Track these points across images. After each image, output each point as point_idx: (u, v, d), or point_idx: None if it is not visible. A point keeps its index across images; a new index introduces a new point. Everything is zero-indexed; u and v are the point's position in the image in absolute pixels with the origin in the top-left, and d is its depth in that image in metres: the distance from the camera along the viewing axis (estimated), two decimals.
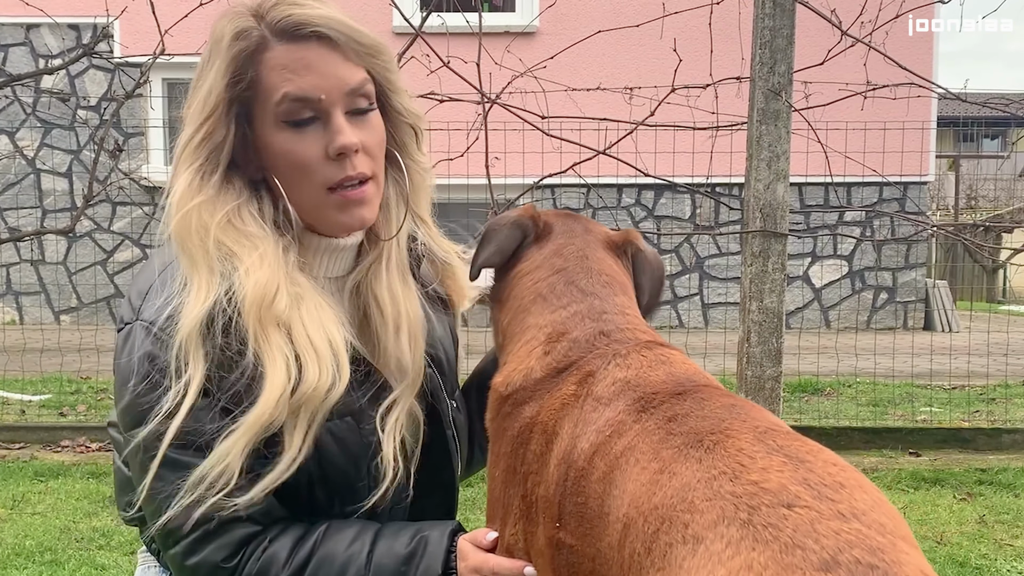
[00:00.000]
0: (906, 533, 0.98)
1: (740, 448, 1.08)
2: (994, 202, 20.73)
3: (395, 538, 1.44)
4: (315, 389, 1.38)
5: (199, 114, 1.40)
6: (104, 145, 4.83)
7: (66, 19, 10.57)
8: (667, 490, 1.08)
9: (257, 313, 1.36)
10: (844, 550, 0.90)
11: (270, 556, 1.38)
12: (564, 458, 1.33)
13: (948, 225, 9.23)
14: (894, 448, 5.93)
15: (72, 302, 11.67)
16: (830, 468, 1.03)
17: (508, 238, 1.67)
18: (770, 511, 0.96)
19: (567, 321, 1.54)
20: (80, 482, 5.08)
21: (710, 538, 0.98)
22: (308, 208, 1.46)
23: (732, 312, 11.35)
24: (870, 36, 3.74)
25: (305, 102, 1.40)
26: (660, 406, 1.26)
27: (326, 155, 1.41)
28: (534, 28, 10.51)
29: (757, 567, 0.91)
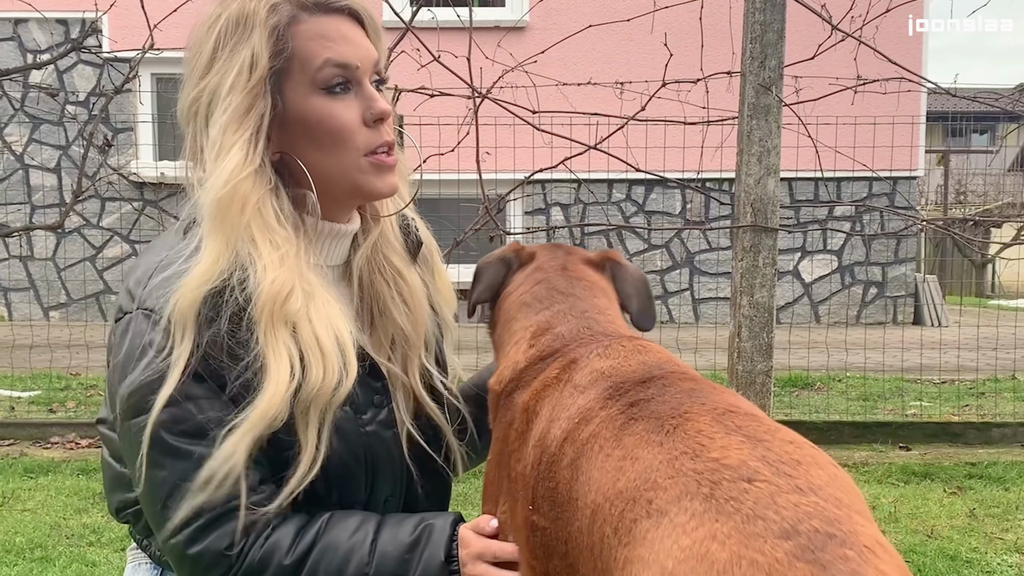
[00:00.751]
0: (861, 508, 1.02)
1: (699, 429, 1.12)
2: (983, 197, 20.78)
3: (398, 527, 1.45)
4: (321, 388, 1.38)
5: (242, 84, 1.41)
6: (93, 140, 4.81)
7: (54, 14, 10.54)
8: (630, 474, 1.12)
9: (271, 309, 1.36)
10: (803, 520, 0.94)
11: (273, 543, 1.38)
12: (539, 441, 1.39)
13: (937, 220, 9.25)
14: (884, 442, 5.94)
15: (61, 298, 11.64)
16: (787, 446, 1.08)
17: (495, 273, 1.85)
18: (731, 485, 1.00)
19: (551, 319, 1.65)
20: (70, 478, 5.07)
21: (674, 511, 1.02)
22: (341, 177, 1.48)
23: (723, 307, 11.36)
24: (860, 31, 3.74)
25: (344, 68, 1.45)
26: (625, 394, 1.31)
27: (363, 121, 1.46)
28: (524, 23, 10.50)
29: (721, 536, 0.95)
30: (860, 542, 0.93)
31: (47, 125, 11.47)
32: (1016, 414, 6.62)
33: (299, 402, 1.38)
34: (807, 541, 0.92)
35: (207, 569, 1.37)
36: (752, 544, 0.93)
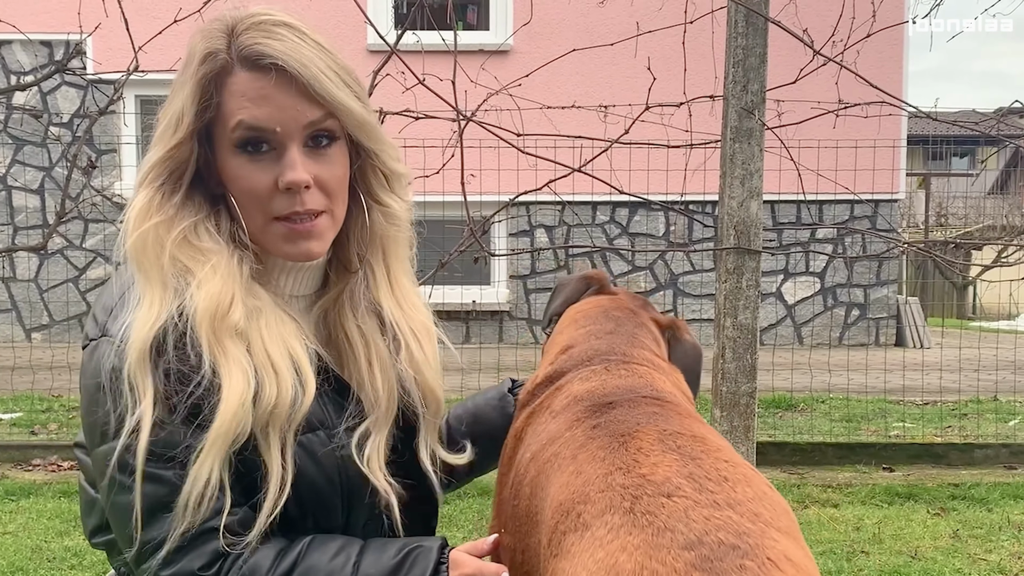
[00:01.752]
0: (784, 525, 1.05)
1: (639, 447, 1.18)
2: (964, 220, 20.92)
3: (382, 551, 1.43)
4: (276, 406, 1.37)
5: (169, 134, 1.41)
6: (77, 162, 4.80)
7: (38, 36, 10.52)
8: (572, 487, 1.18)
9: (210, 324, 1.36)
10: (710, 532, 0.99)
11: (252, 566, 1.37)
12: (516, 466, 1.44)
13: (919, 242, 9.30)
14: (867, 463, 5.96)
15: (44, 320, 11.57)
16: (720, 464, 1.13)
17: (575, 289, 1.91)
18: (651, 500, 1.06)
19: (579, 338, 1.69)
20: (52, 501, 5.03)
21: (596, 525, 1.07)
22: (256, 233, 1.47)
23: (706, 328, 11.39)
24: (842, 56, 3.77)
25: (259, 131, 1.41)
26: (591, 416, 1.34)
27: (276, 186, 1.42)
28: (508, 46, 10.54)
29: (630, 548, 1.00)
30: (764, 555, 0.97)
31: (31, 146, 11.44)
32: (998, 435, 6.65)
33: (257, 421, 1.37)
34: (709, 552, 0.97)
35: None
36: (656, 555, 0.98)
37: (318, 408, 1.46)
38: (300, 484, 1.43)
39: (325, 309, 1.58)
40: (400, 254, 1.63)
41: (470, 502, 5.04)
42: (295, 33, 1.42)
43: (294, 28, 1.43)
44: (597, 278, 1.94)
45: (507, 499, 1.43)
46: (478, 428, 1.89)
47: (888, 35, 6.74)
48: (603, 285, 1.94)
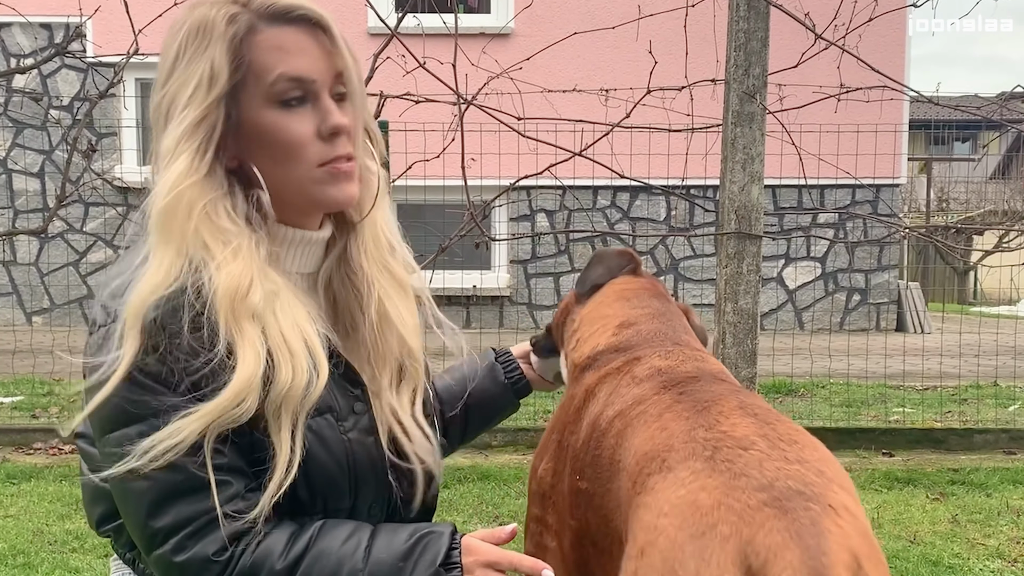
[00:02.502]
0: (844, 484, 1.19)
1: (721, 410, 1.34)
2: (965, 204, 20.90)
3: (393, 535, 1.44)
4: (291, 388, 1.37)
5: (200, 96, 1.40)
6: (77, 145, 4.79)
7: (38, 18, 10.49)
8: (657, 440, 1.34)
9: (230, 305, 1.35)
10: (780, 480, 1.14)
11: (265, 549, 1.37)
12: (594, 420, 1.59)
13: (920, 227, 9.29)
14: (867, 448, 5.97)
15: (44, 303, 11.58)
16: (791, 430, 1.29)
17: (617, 263, 2.05)
18: (729, 451, 1.21)
19: (640, 318, 1.87)
20: (53, 484, 5.04)
21: (679, 468, 1.22)
22: (295, 188, 1.47)
23: (707, 313, 11.36)
24: (843, 40, 3.76)
25: (299, 82, 1.43)
26: (677, 385, 1.52)
27: (318, 134, 1.44)
28: (509, 30, 10.52)
29: (709, 487, 1.16)
30: (826, 501, 1.12)
31: (31, 130, 11.43)
32: (998, 420, 6.66)
33: (270, 403, 1.37)
34: (779, 494, 1.12)
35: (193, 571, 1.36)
36: (732, 494, 1.13)
37: (326, 392, 1.47)
38: (311, 468, 1.44)
39: (327, 280, 1.59)
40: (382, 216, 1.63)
41: (470, 487, 5.05)
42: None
43: None
44: (634, 257, 2.08)
45: (583, 448, 1.58)
46: (474, 396, 1.99)
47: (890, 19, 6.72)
48: (637, 264, 2.08)
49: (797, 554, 1.06)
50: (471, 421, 2.02)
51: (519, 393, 2.09)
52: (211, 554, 1.35)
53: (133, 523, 1.39)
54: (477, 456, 5.72)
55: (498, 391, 2.04)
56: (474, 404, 2.00)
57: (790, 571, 1.05)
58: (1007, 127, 4.87)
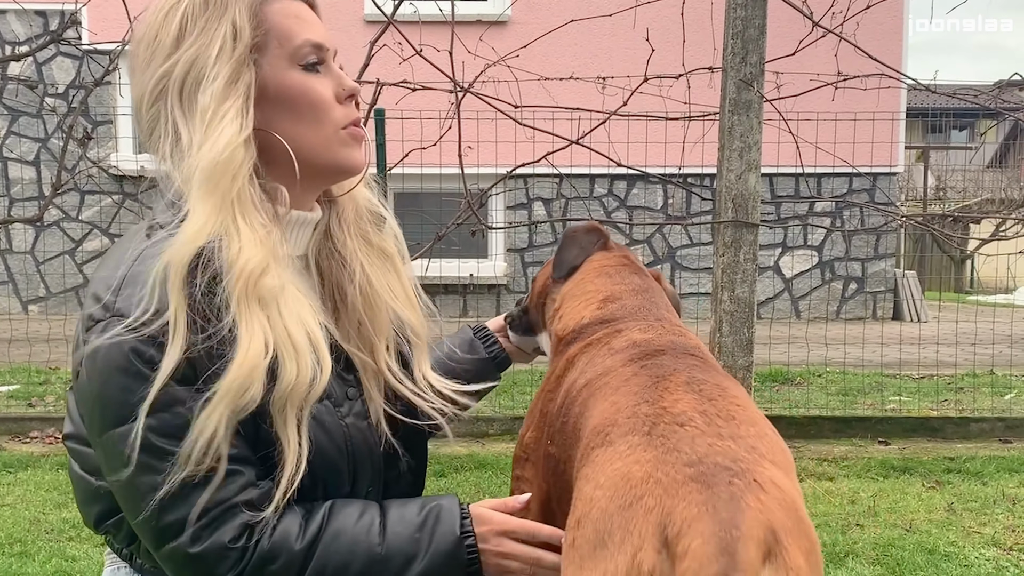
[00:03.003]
0: (779, 460, 1.23)
1: (667, 386, 1.38)
2: (962, 193, 20.90)
3: (404, 508, 1.47)
4: (296, 385, 1.37)
5: (229, 54, 1.41)
6: (72, 133, 4.78)
7: (33, 6, 10.47)
8: (607, 413, 1.38)
9: (245, 282, 1.35)
10: (710, 456, 1.18)
11: (283, 531, 1.38)
12: (568, 388, 1.65)
13: (917, 215, 9.30)
14: (863, 437, 5.97)
15: (40, 292, 11.57)
16: (731, 407, 1.31)
17: (589, 241, 2.08)
18: (666, 427, 1.26)
19: (624, 293, 1.92)
20: (49, 473, 5.04)
21: (618, 443, 1.28)
22: (322, 148, 1.50)
23: (704, 302, 11.40)
24: (841, 27, 3.76)
25: (319, 49, 1.49)
26: (644, 358, 1.55)
27: (336, 97, 1.51)
28: (506, 17, 10.49)
29: (642, 461, 1.20)
30: (751, 477, 1.15)
31: (26, 118, 11.39)
32: (994, 409, 6.67)
33: (276, 400, 1.36)
34: (706, 469, 1.16)
35: (215, 564, 1.35)
36: (661, 468, 1.18)
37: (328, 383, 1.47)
38: (313, 455, 1.44)
39: (315, 257, 1.60)
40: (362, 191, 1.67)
41: (467, 475, 5.06)
42: None
43: None
44: (602, 231, 2.11)
45: (556, 415, 1.64)
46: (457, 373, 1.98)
47: (887, 7, 6.70)
48: (607, 238, 2.11)
49: (709, 525, 1.10)
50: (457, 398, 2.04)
51: (500, 367, 2.12)
52: (227, 542, 1.35)
53: (142, 519, 1.37)
54: (474, 445, 5.73)
55: (479, 366, 2.06)
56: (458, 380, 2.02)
57: (700, 540, 1.09)
58: (1004, 115, 4.87)
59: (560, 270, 2.07)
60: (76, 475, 1.56)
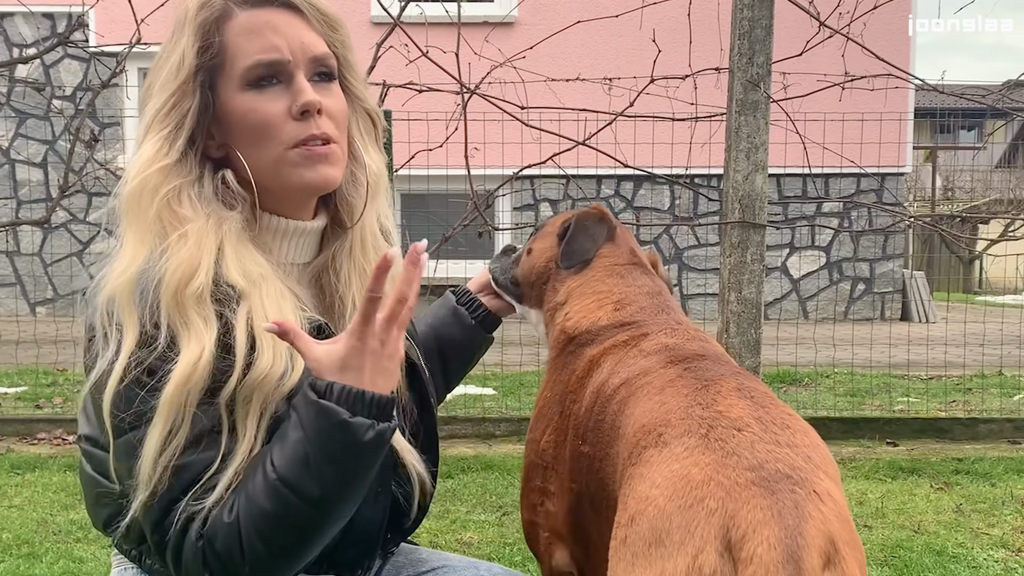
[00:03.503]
0: (830, 470, 1.24)
1: (719, 390, 1.39)
2: (971, 193, 20.86)
3: (283, 434, 1.35)
4: (268, 375, 1.36)
5: (170, 82, 1.42)
6: (80, 135, 4.78)
7: (40, 8, 10.49)
8: (656, 413, 1.39)
9: (173, 295, 1.34)
10: (770, 462, 1.19)
11: (216, 515, 1.35)
12: (598, 388, 1.66)
13: (925, 216, 9.27)
14: (872, 438, 5.95)
15: (48, 293, 11.59)
16: (783, 415, 1.33)
17: (599, 232, 2.06)
18: (724, 431, 1.27)
19: (637, 296, 1.92)
20: (57, 475, 5.05)
21: (674, 444, 1.28)
22: (272, 171, 1.47)
23: (711, 303, 11.38)
24: (848, 28, 3.75)
25: (271, 64, 1.43)
26: (683, 361, 1.58)
27: (290, 113, 1.44)
28: (513, 18, 10.49)
29: (702, 464, 1.21)
30: (811, 487, 1.17)
31: (33, 120, 11.43)
32: (1003, 410, 6.65)
33: (245, 386, 1.35)
34: (767, 475, 1.17)
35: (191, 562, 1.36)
36: (722, 471, 1.19)
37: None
38: None
39: (319, 272, 1.58)
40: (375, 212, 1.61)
41: (473, 476, 5.05)
42: None
43: None
44: (611, 220, 2.10)
45: (586, 414, 1.64)
46: (447, 347, 2.01)
47: (894, 7, 6.68)
48: (615, 227, 2.09)
49: (775, 531, 1.11)
50: (451, 370, 2.04)
51: (489, 328, 2.10)
52: (195, 539, 1.35)
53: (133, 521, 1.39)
54: (480, 446, 5.72)
55: (468, 334, 2.06)
56: (448, 354, 2.03)
57: (766, 546, 1.10)
58: (1013, 115, 4.85)
59: (569, 261, 2.03)
60: (88, 476, 1.56)
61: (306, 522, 1.33)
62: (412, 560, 1.81)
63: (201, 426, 1.35)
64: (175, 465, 1.34)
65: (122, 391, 1.34)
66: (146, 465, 1.33)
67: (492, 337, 2.13)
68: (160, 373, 1.33)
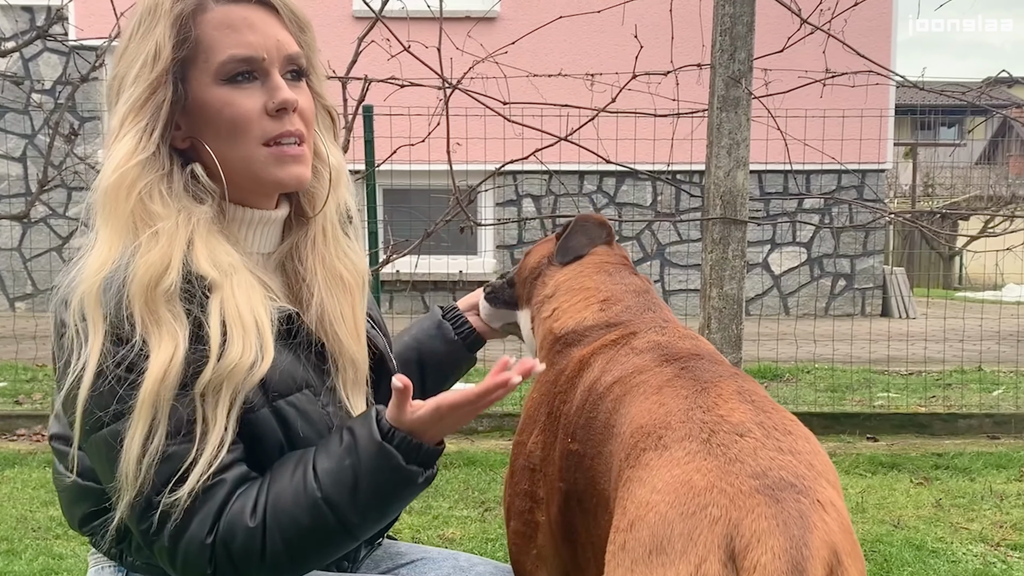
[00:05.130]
0: (831, 478, 1.23)
1: (720, 393, 1.37)
2: (951, 190, 20.96)
3: (328, 443, 1.43)
4: (238, 364, 1.36)
5: (145, 74, 1.41)
6: (59, 129, 4.76)
7: (19, 1, 10.41)
8: (655, 414, 1.37)
9: (143, 294, 1.35)
10: (773, 469, 1.18)
11: (238, 511, 1.36)
12: (590, 386, 1.64)
13: (905, 212, 9.31)
14: (852, 433, 5.98)
15: (27, 289, 11.52)
16: (784, 420, 1.32)
17: (598, 233, 2.08)
18: (725, 436, 1.25)
19: (624, 294, 1.91)
20: (36, 471, 5.02)
21: (675, 448, 1.26)
22: (242, 167, 1.47)
23: (693, 299, 11.41)
24: (829, 24, 3.76)
25: (247, 60, 1.43)
26: (679, 360, 1.56)
27: (265, 110, 1.44)
28: (495, 13, 10.48)
29: (704, 470, 1.20)
30: (815, 496, 1.16)
31: (12, 114, 11.34)
32: (982, 405, 6.69)
33: (215, 375, 1.35)
34: (771, 483, 1.16)
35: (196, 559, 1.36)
36: (725, 478, 1.17)
37: (299, 368, 1.48)
38: (297, 443, 1.45)
39: (282, 260, 1.59)
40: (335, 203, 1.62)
41: (456, 472, 5.05)
42: None
43: None
44: (610, 228, 2.12)
45: (577, 413, 1.62)
46: (427, 358, 2.01)
47: (876, 4, 6.70)
48: (612, 235, 2.12)
49: (780, 542, 1.10)
50: (428, 383, 2.02)
51: (472, 347, 2.09)
52: (203, 536, 1.35)
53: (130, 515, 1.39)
54: (463, 441, 5.72)
55: (449, 349, 2.05)
56: (428, 366, 2.02)
57: (770, 556, 1.09)
58: (992, 112, 4.88)
59: (564, 255, 2.05)
60: (60, 475, 1.55)
61: (334, 539, 1.41)
62: (391, 553, 1.81)
63: (176, 418, 1.35)
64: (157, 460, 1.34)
65: (97, 391, 1.34)
66: (130, 466, 1.32)
67: (475, 358, 2.12)
68: (135, 372, 1.33)
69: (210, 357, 1.35)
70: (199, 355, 1.36)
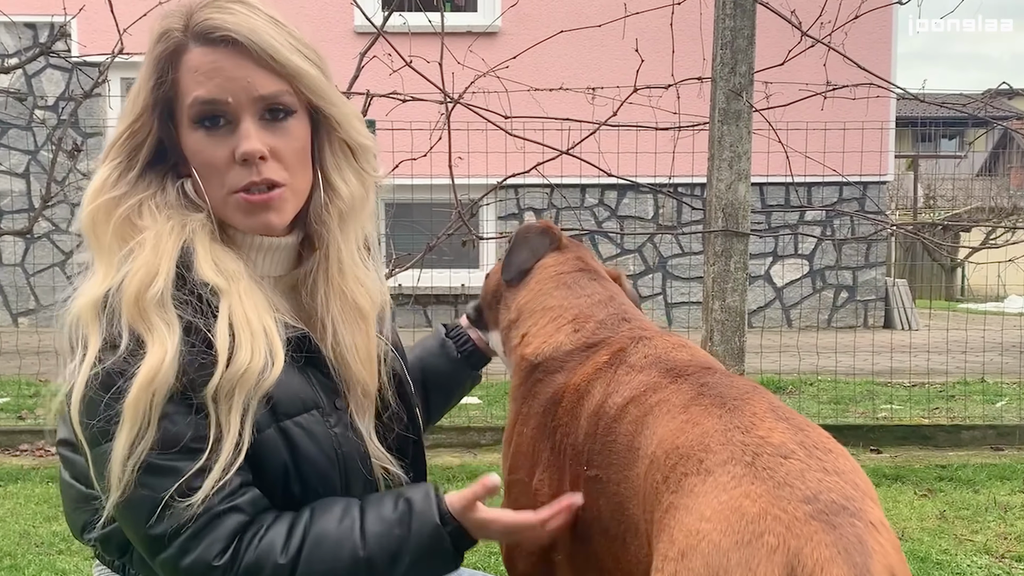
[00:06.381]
0: (874, 495, 1.21)
1: (754, 412, 1.33)
2: (952, 201, 20.97)
3: (380, 505, 1.46)
4: (247, 369, 1.37)
5: (128, 114, 1.45)
6: (62, 145, 4.77)
7: (22, 18, 10.44)
8: (689, 435, 1.33)
9: (134, 303, 1.37)
10: (824, 492, 1.15)
11: (268, 545, 1.37)
12: (595, 412, 1.59)
13: (907, 224, 9.31)
14: (855, 445, 5.97)
15: (30, 304, 11.52)
16: (823, 438, 1.29)
17: (540, 243, 2.01)
18: (770, 458, 1.21)
19: (592, 307, 1.84)
20: (39, 486, 5.01)
21: (719, 472, 1.22)
22: (218, 208, 1.49)
23: (695, 311, 11.40)
24: (829, 37, 3.77)
25: (213, 104, 1.43)
26: (693, 375, 1.52)
27: (232, 159, 1.44)
28: (496, 28, 10.51)
29: (754, 495, 1.16)
30: (867, 518, 1.14)
31: (15, 130, 11.36)
32: (985, 416, 6.68)
33: (224, 382, 1.36)
34: (824, 507, 1.13)
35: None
36: (778, 504, 1.14)
37: (309, 389, 1.49)
38: (302, 462, 1.46)
39: (293, 286, 1.59)
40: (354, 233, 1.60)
41: (459, 486, 5.04)
42: (247, 8, 1.45)
43: (247, 3, 1.46)
44: (555, 231, 2.04)
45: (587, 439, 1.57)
46: (430, 377, 2.01)
47: (876, 16, 6.72)
48: (560, 239, 2.04)
49: (844, 570, 1.07)
50: (432, 401, 2.03)
51: (475, 365, 2.10)
52: (212, 559, 1.35)
53: (137, 532, 1.39)
54: (466, 455, 5.72)
55: (452, 367, 2.06)
56: (431, 384, 2.03)
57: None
58: (993, 124, 4.89)
59: (508, 273, 2.00)
60: (65, 482, 1.57)
61: None
62: None
63: (176, 432, 1.36)
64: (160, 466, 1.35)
65: (90, 397, 1.36)
66: (115, 466, 1.33)
67: (479, 375, 2.12)
68: (125, 378, 1.34)
69: (218, 362, 1.36)
70: (208, 360, 1.36)
